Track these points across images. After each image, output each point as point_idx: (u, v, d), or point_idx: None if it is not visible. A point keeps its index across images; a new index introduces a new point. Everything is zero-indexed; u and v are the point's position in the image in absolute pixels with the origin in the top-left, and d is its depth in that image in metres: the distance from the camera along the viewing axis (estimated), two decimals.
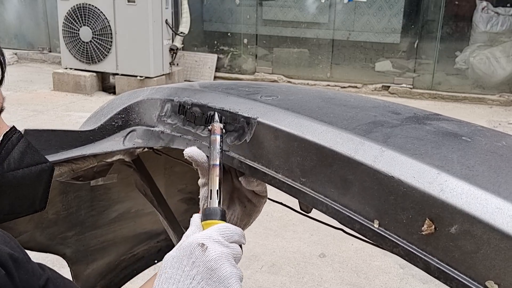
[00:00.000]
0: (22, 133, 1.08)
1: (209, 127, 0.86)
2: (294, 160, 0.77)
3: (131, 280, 1.88)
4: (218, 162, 0.80)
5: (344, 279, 3.19)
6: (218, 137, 0.83)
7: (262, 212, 3.41)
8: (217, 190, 0.78)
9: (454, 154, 0.69)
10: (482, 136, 0.80)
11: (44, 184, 0.82)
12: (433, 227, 0.63)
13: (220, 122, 0.87)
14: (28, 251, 1.40)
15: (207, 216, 0.75)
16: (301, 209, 0.79)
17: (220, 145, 0.83)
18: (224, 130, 0.86)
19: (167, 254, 0.71)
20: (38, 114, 6.50)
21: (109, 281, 1.81)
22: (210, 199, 0.78)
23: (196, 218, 0.76)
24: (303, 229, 3.77)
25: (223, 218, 0.75)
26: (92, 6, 7.26)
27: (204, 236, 0.69)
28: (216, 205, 0.77)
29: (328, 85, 8.17)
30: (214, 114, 0.89)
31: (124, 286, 1.85)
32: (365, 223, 0.68)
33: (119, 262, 1.84)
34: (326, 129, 0.75)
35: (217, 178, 0.79)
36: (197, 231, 0.73)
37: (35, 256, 1.18)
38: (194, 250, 0.68)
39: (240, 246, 0.74)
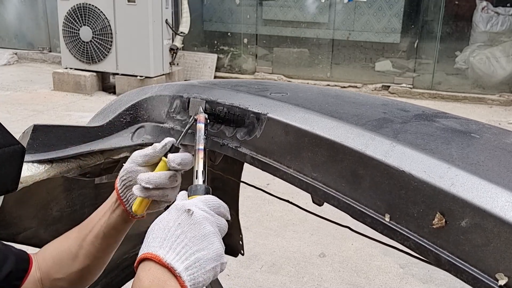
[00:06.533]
0: (32, 128, 1.09)
1: (195, 117, 0.95)
2: (305, 155, 0.77)
3: (132, 280, 1.88)
4: (202, 147, 0.89)
5: (344, 279, 3.20)
6: (202, 125, 0.93)
7: (262, 212, 3.42)
8: (202, 171, 0.85)
9: (464, 150, 0.70)
10: (490, 134, 0.81)
11: (16, 165, 0.84)
12: (444, 220, 0.63)
13: (205, 112, 0.97)
14: (31, 248, 1.40)
15: (193, 192, 0.81)
16: (313, 202, 0.80)
17: (205, 132, 0.92)
18: (207, 119, 0.95)
19: (155, 219, 0.76)
20: (38, 114, 6.50)
21: (111, 280, 1.81)
22: (196, 178, 0.85)
23: (182, 193, 0.82)
24: (303, 229, 3.77)
25: (207, 194, 0.81)
26: (92, 6, 7.26)
27: (191, 203, 0.75)
28: (201, 183, 0.84)
29: (328, 85, 8.17)
30: (199, 106, 0.98)
31: (124, 286, 1.85)
32: (376, 217, 0.69)
33: (121, 260, 1.85)
34: (336, 125, 0.76)
35: (202, 161, 0.87)
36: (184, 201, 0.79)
37: None
38: (181, 214, 0.73)
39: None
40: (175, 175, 0.93)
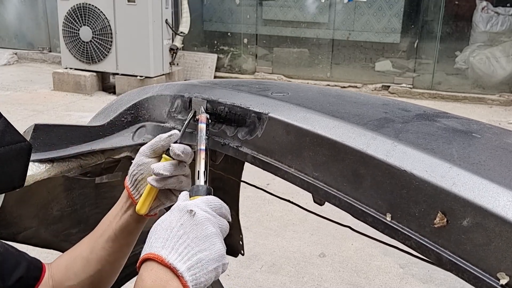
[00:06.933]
0: (33, 127, 1.09)
1: (197, 117, 0.95)
2: (307, 154, 0.78)
3: (132, 280, 1.88)
4: (204, 147, 0.89)
5: (344, 279, 3.20)
6: (204, 125, 0.93)
7: (262, 212, 3.43)
8: (204, 171, 0.86)
9: (465, 149, 0.70)
10: (491, 133, 0.81)
11: (23, 162, 0.85)
12: (445, 220, 0.63)
13: (206, 112, 0.97)
14: (32, 248, 1.40)
15: (195, 192, 0.82)
16: (314, 201, 0.80)
17: (206, 132, 0.92)
18: (209, 119, 0.95)
19: (158, 220, 0.77)
20: (38, 114, 6.50)
21: None
22: (197, 178, 0.86)
23: (184, 193, 0.82)
24: (303, 229, 3.77)
25: (209, 195, 0.82)
26: (92, 6, 7.26)
27: (193, 204, 0.76)
28: (203, 183, 0.85)
29: (328, 85, 8.17)
30: (200, 105, 0.98)
31: (124, 286, 1.85)
32: (378, 216, 0.69)
33: None
34: (338, 124, 0.76)
35: (203, 161, 0.88)
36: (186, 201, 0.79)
37: (38, 253, 1.19)
38: (183, 215, 0.74)
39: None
40: (183, 163, 0.94)
